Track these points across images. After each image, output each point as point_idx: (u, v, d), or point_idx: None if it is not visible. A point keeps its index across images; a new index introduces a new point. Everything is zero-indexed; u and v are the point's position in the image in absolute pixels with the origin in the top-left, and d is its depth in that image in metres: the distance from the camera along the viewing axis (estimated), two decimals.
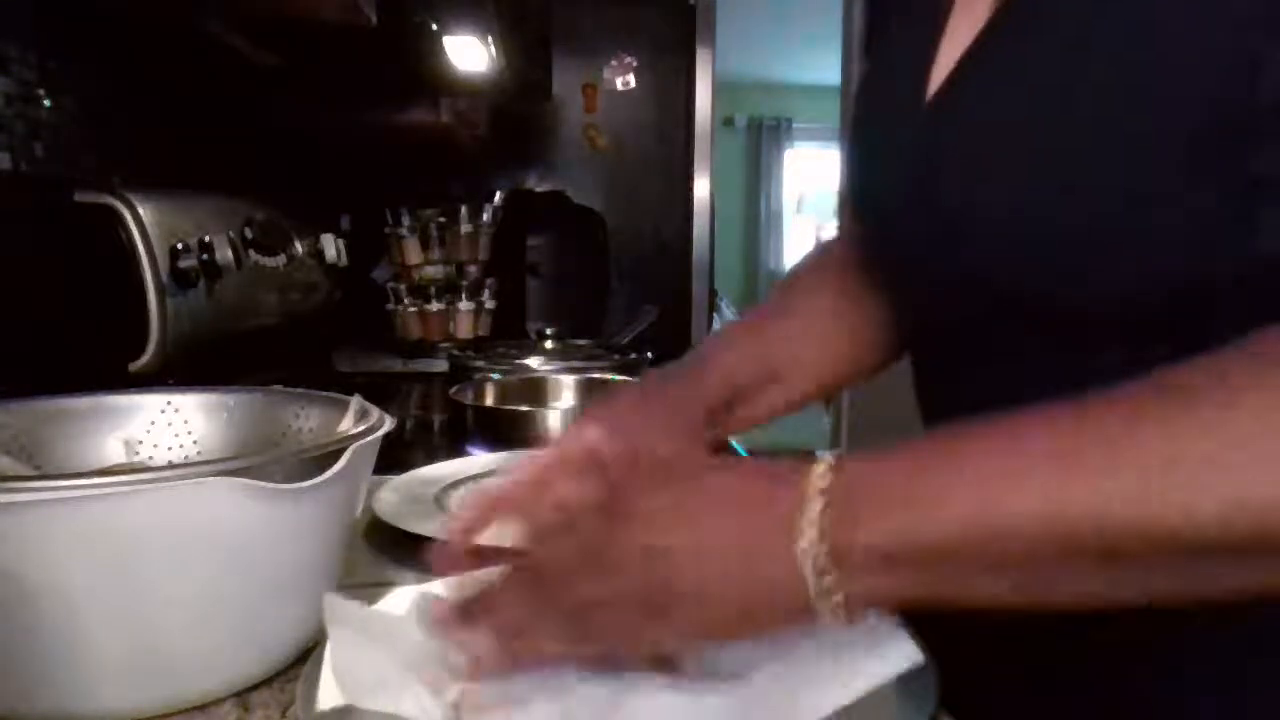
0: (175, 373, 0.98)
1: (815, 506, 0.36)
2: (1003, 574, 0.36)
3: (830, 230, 6.50)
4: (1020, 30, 0.44)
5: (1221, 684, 0.47)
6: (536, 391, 1.32)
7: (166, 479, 0.44)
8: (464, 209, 1.85)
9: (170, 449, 0.66)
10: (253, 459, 0.47)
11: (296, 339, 1.50)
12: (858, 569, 0.36)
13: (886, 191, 0.54)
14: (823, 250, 0.73)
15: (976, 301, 0.47)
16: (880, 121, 0.56)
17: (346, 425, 0.58)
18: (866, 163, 0.57)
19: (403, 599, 0.55)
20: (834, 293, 0.67)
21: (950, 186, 0.46)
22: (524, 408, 1.23)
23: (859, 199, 0.59)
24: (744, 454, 1.03)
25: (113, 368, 0.94)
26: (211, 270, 1.04)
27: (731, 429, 0.65)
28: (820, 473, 0.37)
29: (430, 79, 1.49)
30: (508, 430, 1.12)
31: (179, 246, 0.99)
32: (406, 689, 0.44)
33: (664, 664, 0.44)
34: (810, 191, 6.73)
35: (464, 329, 1.83)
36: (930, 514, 0.35)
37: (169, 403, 0.66)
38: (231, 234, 1.11)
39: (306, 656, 0.50)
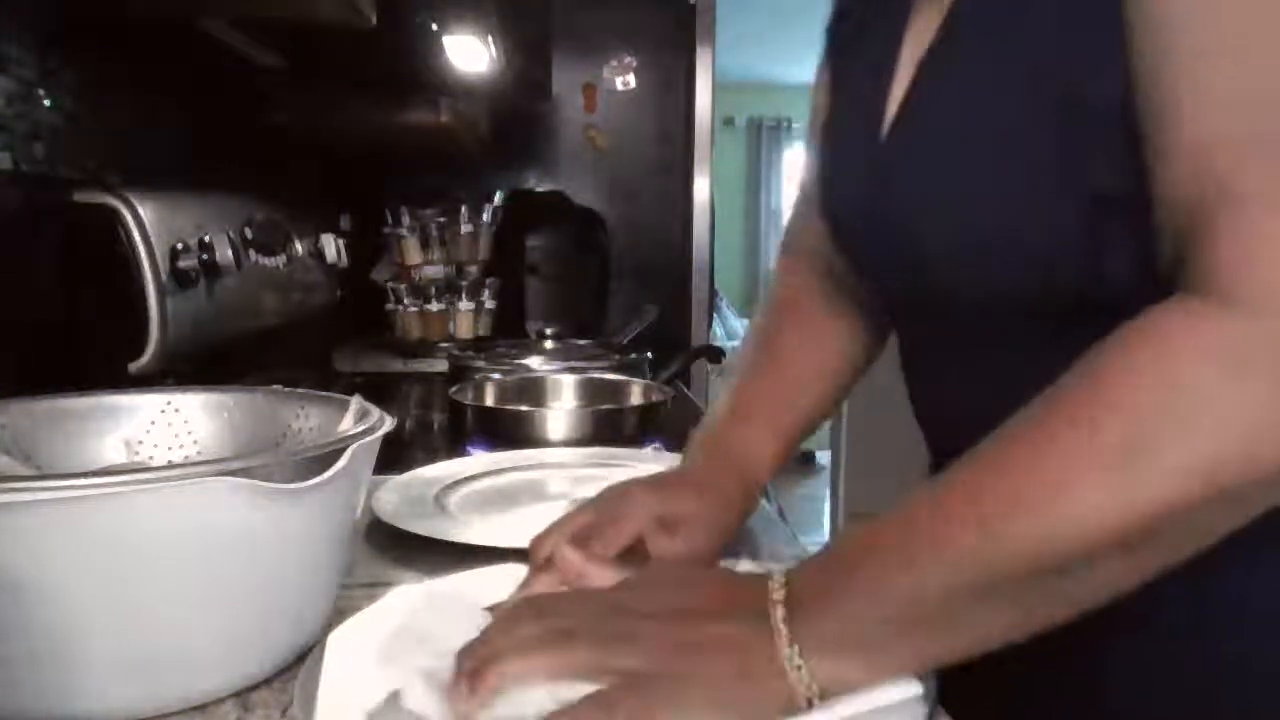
0: (175, 373, 0.98)
1: (778, 614, 0.43)
2: (944, 628, 0.41)
3: None
4: (943, 74, 0.51)
5: (1218, 675, 0.47)
6: (536, 391, 1.32)
7: (166, 479, 0.44)
8: (464, 209, 1.85)
9: (170, 449, 0.66)
10: (253, 459, 0.47)
11: (296, 339, 1.50)
12: (822, 656, 0.42)
13: (846, 206, 0.62)
14: (782, 282, 0.77)
15: (925, 299, 0.56)
16: (843, 145, 0.63)
17: (346, 425, 0.58)
18: (831, 179, 0.64)
19: (403, 598, 0.55)
20: (811, 338, 0.72)
21: (896, 207, 0.54)
22: (524, 408, 1.23)
23: (831, 221, 0.65)
24: None
25: (113, 368, 0.94)
26: (211, 270, 1.04)
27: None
28: (775, 587, 0.44)
29: (430, 79, 1.48)
30: (508, 430, 1.12)
31: (179, 246, 0.99)
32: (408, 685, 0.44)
33: None
34: None
35: (464, 329, 1.83)
36: (854, 604, 0.42)
37: (169, 403, 0.66)
38: (231, 234, 1.11)
39: (306, 657, 0.51)
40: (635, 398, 1.28)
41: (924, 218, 0.52)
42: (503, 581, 0.59)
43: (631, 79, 2.00)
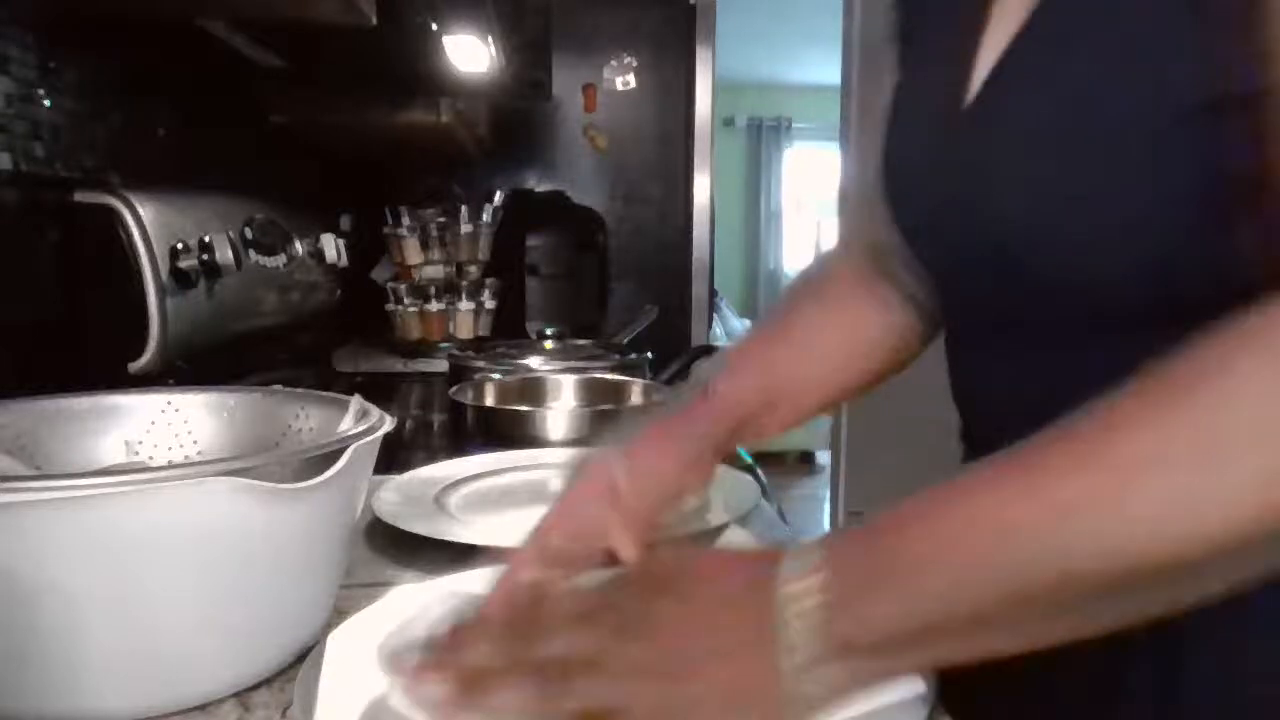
0: (175, 373, 0.98)
1: (793, 609, 0.39)
2: (971, 637, 0.39)
3: (830, 230, 6.50)
4: (1047, 42, 0.46)
5: (1221, 675, 0.47)
6: (536, 391, 1.32)
7: (166, 479, 0.44)
8: (464, 209, 1.85)
9: (170, 449, 0.66)
10: (253, 459, 0.47)
11: (296, 339, 1.50)
12: (831, 661, 0.39)
13: (920, 191, 0.57)
14: (820, 264, 0.74)
15: (1004, 292, 0.50)
16: (916, 123, 0.58)
17: (346, 425, 0.58)
18: (900, 163, 0.59)
19: (403, 599, 0.55)
20: (832, 310, 0.68)
21: (984, 188, 0.49)
22: (524, 408, 1.23)
23: (891, 197, 0.60)
24: (749, 460, 1.03)
25: (113, 368, 0.94)
26: (211, 270, 1.04)
27: (737, 447, 0.67)
28: (790, 580, 0.40)
29: (430, 79, 1.48)
30: (508, 430, 1.12)
31: (179, 246, 0.99)
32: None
33: None
34: (810, 191, 6.73)
35: (464, 329, 1.83)
36: (880, 606, 0.38)
37: (169, 403, 0.66)
38: (231, 234, 1.11)
39: (306, 657, 0.51)
40: (635, 398, 1.28)
41: (1013, 205, 0.47)
42: None
43: (631, 79, 2.00)
